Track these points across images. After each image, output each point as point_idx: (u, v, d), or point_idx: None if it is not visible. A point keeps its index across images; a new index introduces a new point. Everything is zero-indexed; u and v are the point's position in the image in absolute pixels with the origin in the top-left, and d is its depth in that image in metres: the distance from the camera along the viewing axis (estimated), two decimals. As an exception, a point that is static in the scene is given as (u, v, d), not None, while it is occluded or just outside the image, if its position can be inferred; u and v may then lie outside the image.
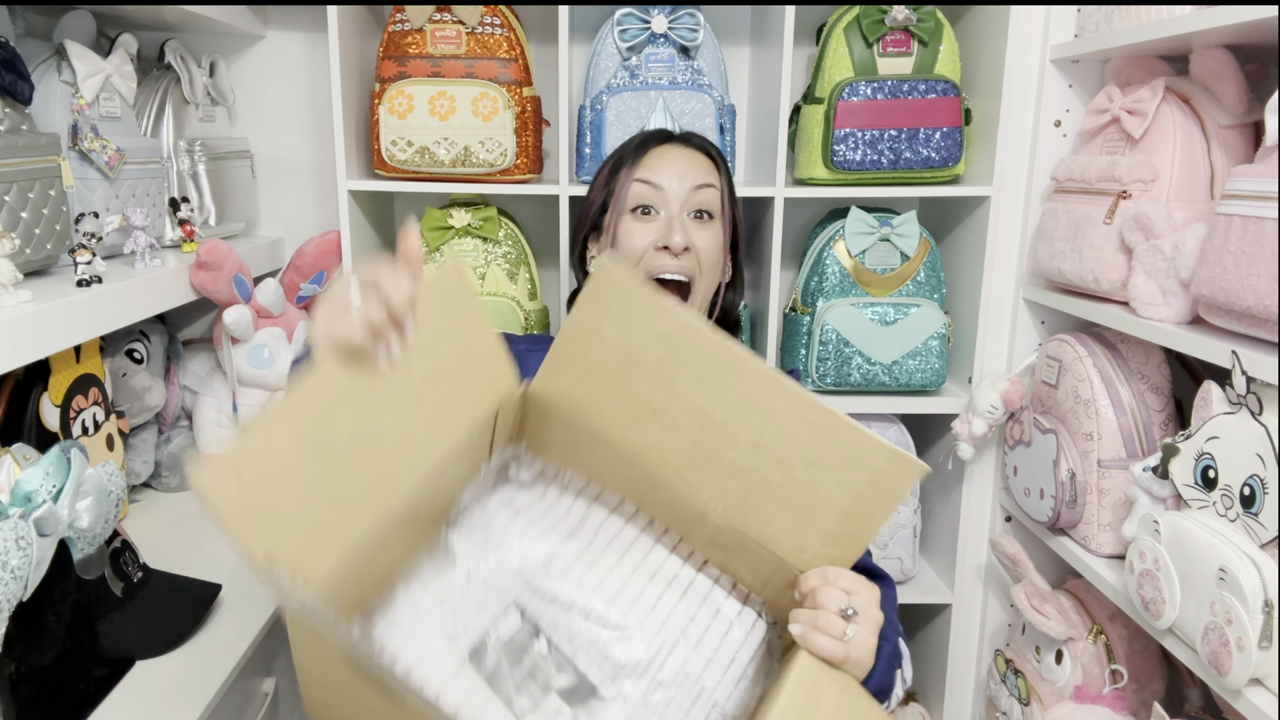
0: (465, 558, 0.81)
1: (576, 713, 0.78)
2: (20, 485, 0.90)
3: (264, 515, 0.64)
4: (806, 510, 0.78)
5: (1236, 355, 1.01)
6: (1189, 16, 1.13)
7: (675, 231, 1.11)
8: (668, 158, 1.15)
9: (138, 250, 1.28)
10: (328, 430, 0.69)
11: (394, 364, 0.73)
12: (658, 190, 1.13)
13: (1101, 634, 1.40)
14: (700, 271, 1.13)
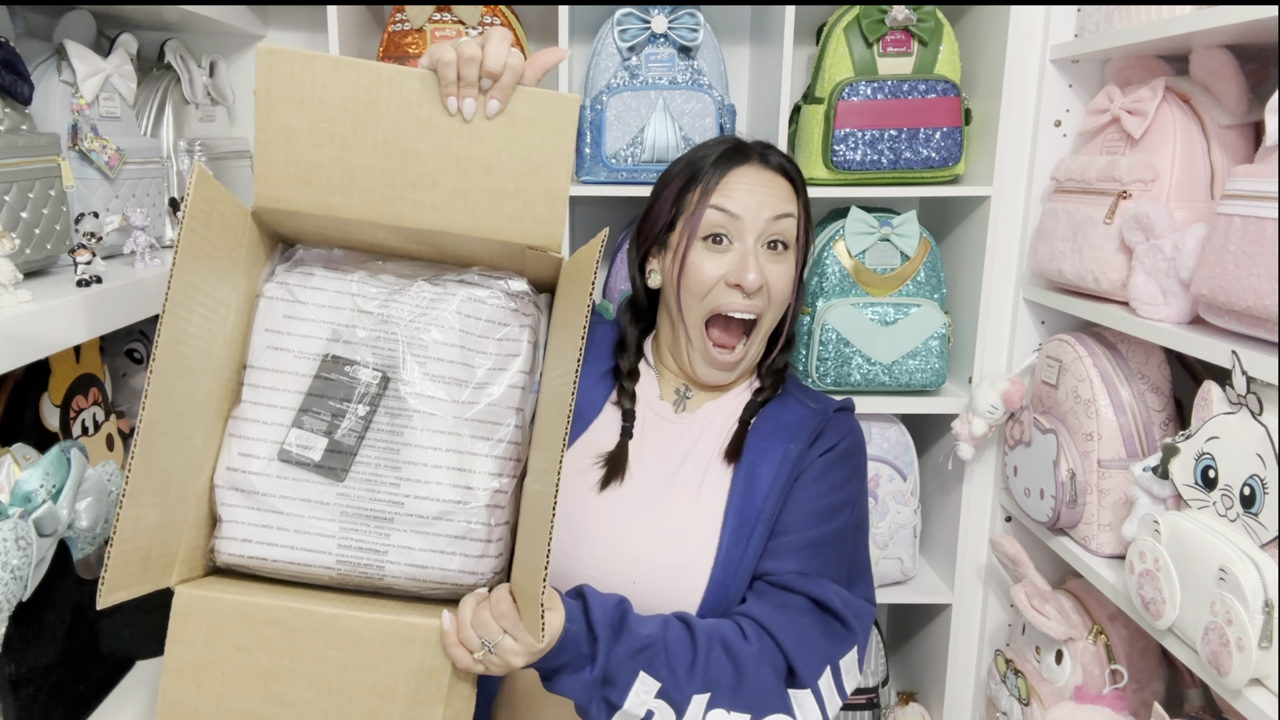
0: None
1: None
2: (20, 485, 0.90)
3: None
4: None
5: (1236, 355, 1.01)
6: (1189, 16, 1.13)
7: (749, 269, 1.05)
8: (747, 180, 1.08)
9: (138, 250, 1.28)
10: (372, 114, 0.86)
11: (456, 113, 0.86)
12: (734, 220, 1.06)
13: (1101, 634, 1.40)
14: (769, 305, 1.09)
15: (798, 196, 1.11)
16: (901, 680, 1.88)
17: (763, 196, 1.07)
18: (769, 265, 1.07)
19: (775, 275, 1.08)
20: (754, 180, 1.08)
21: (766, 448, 1.08)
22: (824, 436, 1.10)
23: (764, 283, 1.06)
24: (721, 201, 1.07)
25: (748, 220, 1.06)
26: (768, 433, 1.10)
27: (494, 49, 0.84)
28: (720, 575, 1.02)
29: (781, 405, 1.14)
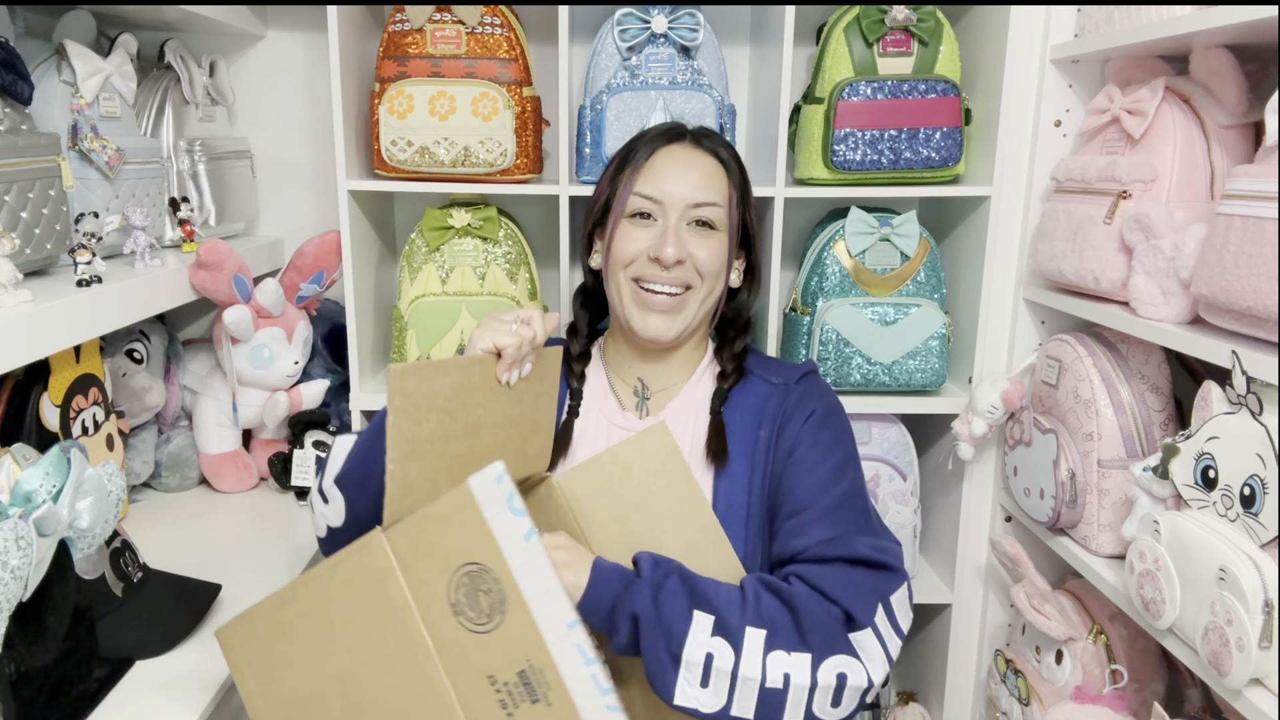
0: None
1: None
2: (20, 485, 0.90)
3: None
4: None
5: (1236, 355, 1.01)
6: (1189, 16, 1.13)
7: (668, 244, 1.08)
8: (673, 163, 1.12)
9: (138, 250, 1.28)
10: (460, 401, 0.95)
11: (508, 386, 0.99)
12: (656, 203, 1.10)
13: (1101, 634, 1.40)
14: (700, 280, 1.11)
15: (728, 176, 1.13)
16: (901, 680, 1.88)
17: (688, 180, 1.10)
18: (694, 240, 1.10)
19: (700, 249, 1.10)
20: (682, 161, 1.11)
21: (736, 440, 1.11)
22: (799, 406, 1.11)
23: (686, 256, 1.09)
24: (645, 186, 1.10)
25: (668, 203, 1.10)
26: (735, 424, 1.12)
27: (540, 330, 0.99)
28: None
29: (746, 388, 1.16)
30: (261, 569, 1.32)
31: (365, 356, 1.56)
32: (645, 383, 1.18)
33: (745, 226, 1.17)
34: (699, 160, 1.13)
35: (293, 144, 1.72)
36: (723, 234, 1.12)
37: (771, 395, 1.13)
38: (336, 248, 1.54)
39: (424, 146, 1.43)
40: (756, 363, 1.20)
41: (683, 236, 1.09)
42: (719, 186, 1.12)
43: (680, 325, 1.12)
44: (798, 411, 1.11)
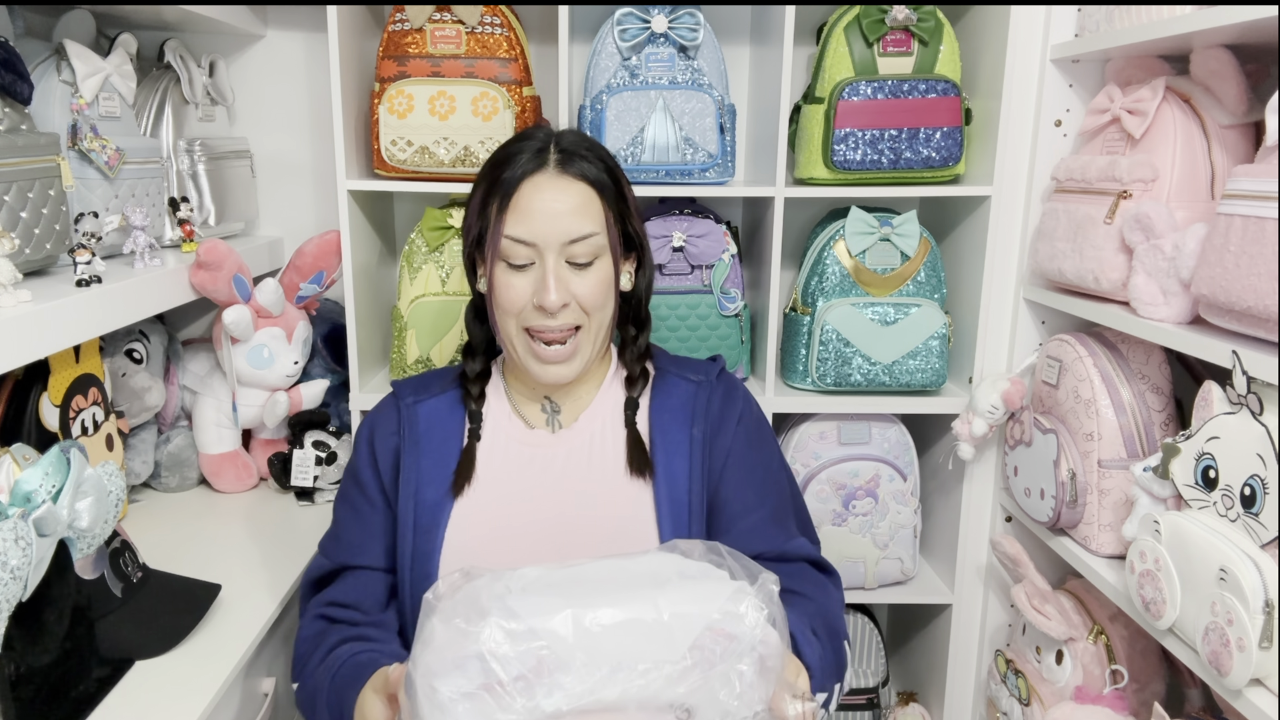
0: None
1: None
2: (20, 485, 0.90)
3: None
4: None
5: (1237, 355, 1.01)
6: (1189, 16, 1.13)
7: (549, 290, 1.02)
8: (540, 197, 1.03)
9: (137, 250, 1.28)
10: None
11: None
12: (529, 247, 1.03)
13: (1102, 634, 1.40)
14: (587, 314, 1.06)
15: (603, 201, 1.06)
16: (901, 680, 1.88)
17: (557, 217, 1.02)
18: (574, 278, 1.04)
19: (583, 287, 1.04)
20: (550, 195, 1.03)
21: (670, 440, 1.09)
22: (725, 409, 1.12)
23: (569, 298, 1.04)
24: (514, 230, 1.03)
25: (543, 245, 1.02)
26: (665, 423, 1.10)
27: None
28: None
29: (664, 386, 1.14)
30: (261, 569, 1.32)
31: (365, 356, 1.56)
32: (553, 399, 1.14)
33: (627, 232, 1.11)
34: (568, 190, 1.04)
35: (292, 144, 1.72)
36: (605, 259, 1.06)
37: (697, 394, 1.12)
38: (336, 248, 1.54)
39: (424, 146, 1.43)
40: (668, 360, 1.18)
41: (563, 277, 1.03)
42: (593, 213, 1.05)
43: (580, 365, 1.08)
44: (726, 414, 1.12)
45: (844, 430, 1.57)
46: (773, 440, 1.18)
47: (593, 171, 1.06)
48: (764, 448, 1.14)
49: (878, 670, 1.72)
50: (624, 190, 1.09)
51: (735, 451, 1.10)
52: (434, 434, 1.12)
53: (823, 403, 1.55)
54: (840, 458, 1.56)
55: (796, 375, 1.55)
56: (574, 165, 1.05)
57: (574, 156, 1.05)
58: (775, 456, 1.16)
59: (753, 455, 1.12)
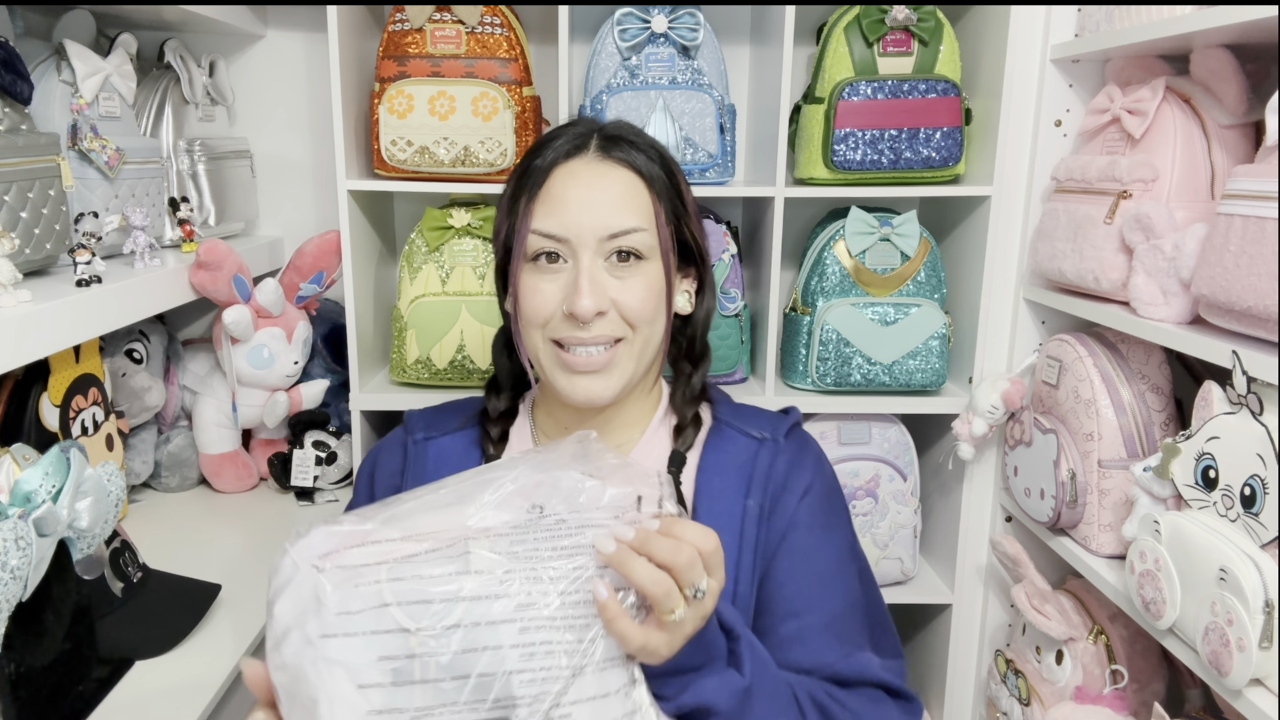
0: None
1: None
2: (20, 485, 0.90)
3: None
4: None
5: (1237, 355, 1.01)
6: (1189, 16, 1.13)
7: (582, 294, 0.85)
8: (576, 185, 0.88)
9: (137, 250, 1.28)
10: None
11: None
12: (561, 242, 0.87)
13: (1102, 634, 1.40)
14: (631, 330, 0.88)
15: (651, 193, 0.89)
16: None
17: (596, 205, 0.86)
18: (615, 282, 0.87)
19: (626, 291, 0.87)
20: (587, 183, 0.87)
21: (718, 510, 0.89)
22: (793, 475, 0.92)
23: (608, 305, 0.87)
24: (543, 223, 0.87)
25: (576, 240, 0.86)
26: (714, 489, 0.91)
27: None
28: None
29: (719, 441, 0.95)
30: (261, 569, 1.32)
31: (365, 356, 1.56)
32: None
33: (684, 240, 0.94)
34: (609, 175, 0.88)
35: (293, 144, 1.72)
36: (653, 263, 0.89)
37: (759, 454, 0.93)
38: (336, 248, 1.54)
39: (424, 146, 1.43)
40: (728, 410, 0.99)
41: (600, 280, 0.87)
42: (639, 205, 0.88)
43: (619, 383, 0.90)
44: (793, 481, 0.92)
45: (844, 430, 1.57)
46: (846, 522, 0.95)
47: (641, 159, 0.90)
48: (833, 531, 0.92)
49: (878, 670, 1.72)
50: (682, 188, 0.93)
51: (795, 531, 0.90)
52: (442, 477, 0.99)
53: (823, 403, 1.54)
54: (840, 458, 1.56)
55: (796, 375, 1.55)
56: (619, 150, 0.90)
57: (620, 141, 0.90)
58: (846, 543, 0.94)
59: (815, 539, 0.91)
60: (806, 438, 0.98)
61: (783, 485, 0.91)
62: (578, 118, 0.95)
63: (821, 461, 0.96)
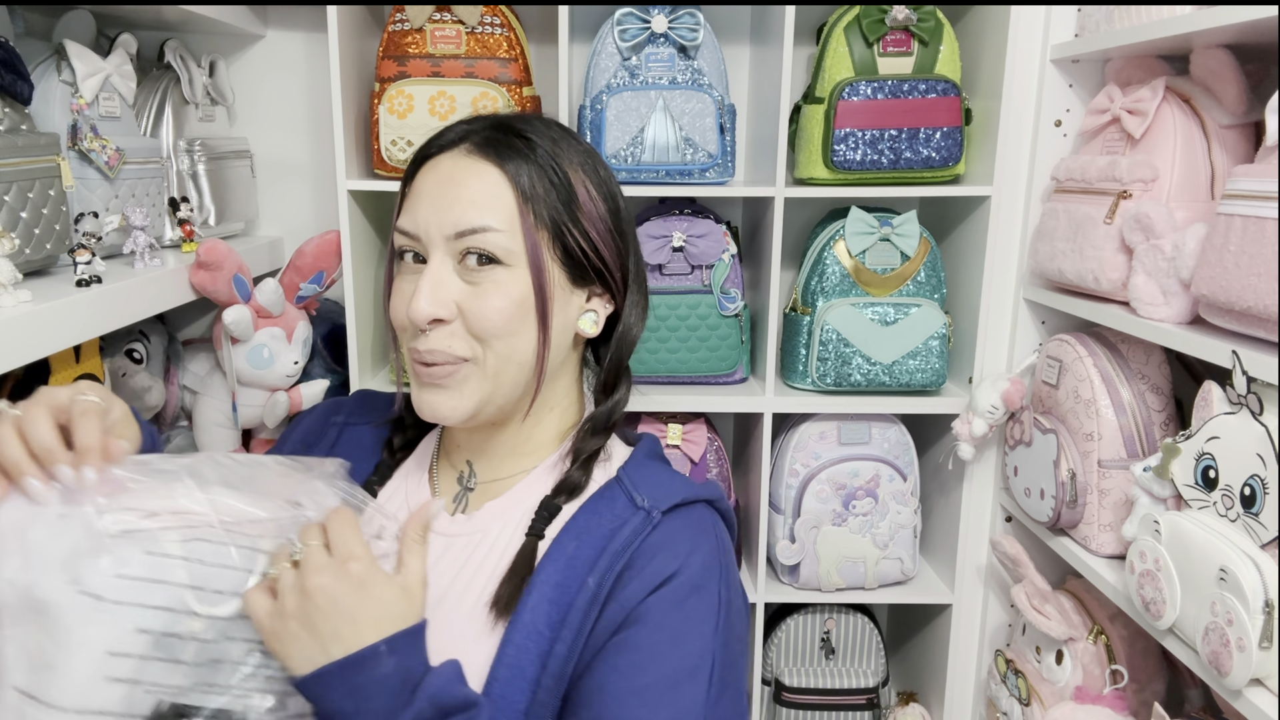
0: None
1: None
2: (20, 485, 0.89)
3: None
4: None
5: (1237, 355, 1.01)
6: (1189, 16, 1.13)
7: (418, 295, 0.76)
8: (433, 181, 0.80)
9: (137, 250, 1.28)
10: None
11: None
12: (414, 240, 0.79)
13: (1102, 634, 1.40)
14: (480, 341, 0.78)
15: (516, 193, 0.78)
16: (901, 680, 1.88)
17: (446, 204, 0.78)
18: (461, 290, 0.78)
19: (474, 299, 0.77)
20: (444, 178, 0.79)
21: (557, 577, 0.76)
22: (655, 559, 0.76)
23: (450, 312, 0.77)
24: (402, 219, 0.81)
25: (425, 238, 0.78)
26: (565, 554, 0.77)
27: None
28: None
29: (600, 501, 0.81)
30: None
31: (365, 356, 1.56)
32: (473, 466, 0.87)
33: (573, 253, 0.81)
34: (467, 170, 0.78)
35: (293, 144, 1.72)
36: (515, 273, 0.78)
37: (627, 524, 0.78)
38: (336, 248, 1.54)
39: (424, 146, 1.43)
40: (634, 465, 0.85)
41: (446, 283, 0.77)
42: (498, 207, 0.77)
43: (470, 404, 0.79)
44: (648, 566, 0.76)
45: (844, 430, 1.57)
46: (707, 630, 0.75)
47: (518, 161, 0.78)
48: (684, 640, 0.74)
49: (877, 670, 1.72)
50: (579, 197, 0.81)
51: (633, 627, 0.74)
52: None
53: (823, 403, 1.55)
54: (840, 458, 1.56)
55: (796, 375, 1.55)
56: (493, 150, 0.79)
57: (500, 142, 0.79)
58: (697, 657, 0.74)
59: (655, 643, 0.73)
60: (699, 521, 0.81)
61: (633, 568, 0.76)
62: (478, 115, 0.86)
63: (698, 551, 0.78)
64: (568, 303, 0.82)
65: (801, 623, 1.70)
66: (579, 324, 0.84)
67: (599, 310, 0.86)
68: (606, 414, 0.86)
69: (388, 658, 0.65)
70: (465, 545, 0.82)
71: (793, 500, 1.57)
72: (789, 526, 1.57)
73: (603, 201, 0.83)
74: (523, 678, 0.73)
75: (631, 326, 0.87)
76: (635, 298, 0.87)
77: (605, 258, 0.83)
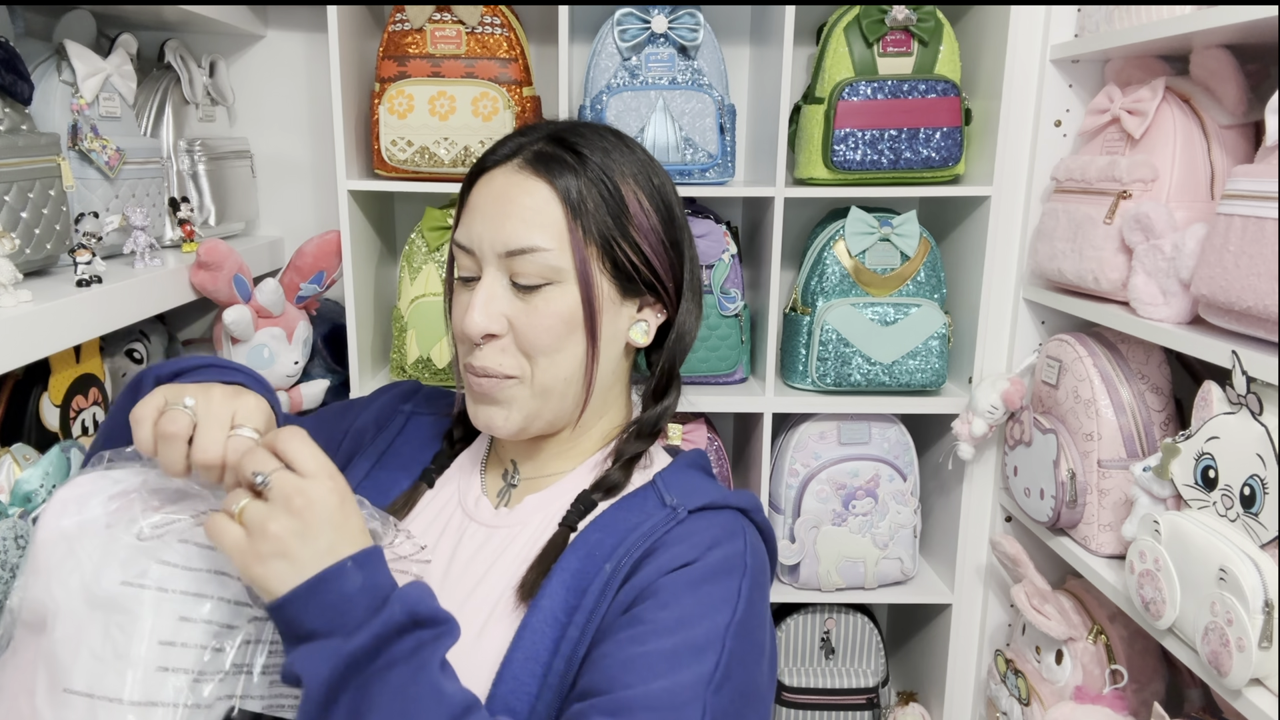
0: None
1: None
2: (20, 485, 0.90)
3: None
4: None
5: (1236, 355, 1.01)
6: (1189, 16, 1.13)
7: (474, 309, 0.78)
8: (487, 197, 0.81)
9: (137, 250, 1.28)
10: None
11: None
12: (471, 256, 0.81)
13: (1102, 634, 1.40)
14: (528, 358, 0.80)
15: (566, 212, 0.79)
16: (901, 680, 1.88)
17: (498, 220, 0.79)
18: (513, 305, 0.80)
19: (522, 318, 0.79)
20: (497, 194, 0.80)
21: (578, 565, 0.77)
22: (676, 546, 0.77)
23: (502, 327, 0.79)
24: (460, 233, 0.83)
25: (479, 253, 0.80)
26: (590, 544, 0.79)
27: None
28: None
29: (634, 499, 0.83)
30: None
31: (365, 356, 1.56)
32: (517, 464, 0.89)
33: (624, 268, 0.82)
34: (520, 188, 0.80)
35: (293, 144, 1.72)
36: (564, 289, 0.79)
37: (650, 518, 0.79)
38: (336, 248, 1.54)
39: (424, 146, 1.43)
40: (673, 472, 0.86)
41: (498, 298, 0.80)
42: (547, 224, 0.78)
43: (520, 418, 0.82)
44: (665, 552, 0.76)
45: (844, 430, 1.57)
46: (719, 623, 0.72)
47: (568, 177, 0.80)
48: (693, 622, 0.72)
49: (877, 670, 1.72)
50: (625, 213, 0.81)
51: (643, 602, 0.73)
52: (403, 452, 0.95)
53: (823, 403, 1.55)
54: (840, 458, 1.56)
55: (796, 375, 1.55)
56: (545, 165, 0.80)
57: (553, 157, 0.81)
58: (705, 639, 0.71)
59: (662, 619, 0.72)
60: (727, 523, 0.80)
61: (650, 553, 0.76)
62: (537, 123, 0.88)
63: (721, 547, 0.77)
64: (618, 315, 0.84)
65: (801, 623, 1.70)
66: (630, 334, 0.86)
67: (650, 320, 0.87)
68: (654, 419, 0.88)
69: (355, 572, 0.65)
70: (505, 536, 0.84)
71: (793, 500, 1.57)
72: (789, 526, 1.57)
73: (655, 212, 0.84)
74: (536, 661, 0.74)
75: (686, 334, 0.88)
76: (689, 306, 0.88)
77: (657, 269, 0.84)
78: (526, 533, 0.84)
